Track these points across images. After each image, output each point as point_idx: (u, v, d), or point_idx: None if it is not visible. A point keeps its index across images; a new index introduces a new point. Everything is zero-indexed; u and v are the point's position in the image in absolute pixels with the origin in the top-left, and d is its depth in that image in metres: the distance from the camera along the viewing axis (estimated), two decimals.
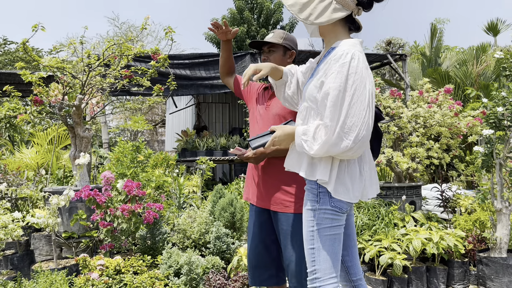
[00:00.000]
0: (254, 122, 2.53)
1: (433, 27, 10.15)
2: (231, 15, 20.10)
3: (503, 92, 3.58)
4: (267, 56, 2.56)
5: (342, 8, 1.81)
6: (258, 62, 8.39)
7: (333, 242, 1.81)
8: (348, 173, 1.79)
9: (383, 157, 4.22)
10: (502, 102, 3.57)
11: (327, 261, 1.80)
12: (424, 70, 10.29)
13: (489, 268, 3.63)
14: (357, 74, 1.68)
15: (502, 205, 3.66)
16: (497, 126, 3.62)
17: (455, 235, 3.87)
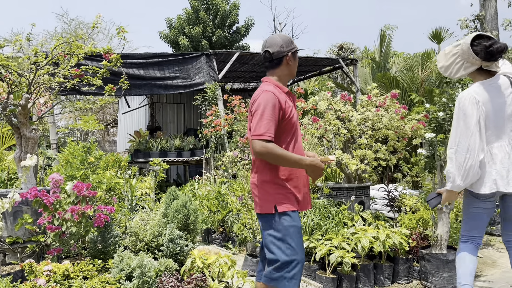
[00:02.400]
0: (298, 134, 2.65)
1: (382, 34, 10.58)
2: (186, 15, 19.90)
3: (444, 98, 3.82)
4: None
5: (471, 66, 2.82)
6: (213, 63, 8.40)
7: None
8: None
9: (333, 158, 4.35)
10: (443, 108, 3.80)
11: None
12: (374, 74, 10.71)
13: (431, 264, 3.85)
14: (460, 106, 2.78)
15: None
16: (438, 129, 3.85)
17: (400, 233, 4.07)
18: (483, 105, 2.76)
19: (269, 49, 2.61)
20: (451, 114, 3.74)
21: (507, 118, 2.84)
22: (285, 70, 2.64)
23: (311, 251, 3.94)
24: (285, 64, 2.63)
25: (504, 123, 2.83)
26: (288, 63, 2.63)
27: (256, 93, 2.54)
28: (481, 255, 4.94)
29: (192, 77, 8.32)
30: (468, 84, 3.80)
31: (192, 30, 19.38)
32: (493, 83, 2.82)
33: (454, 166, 2.80)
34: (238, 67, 10.19)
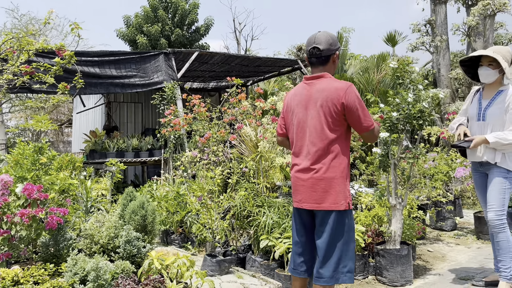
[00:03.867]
0: None
1: (339, 36, 10.83)
2: (144, 13, 19.52)
3: (397, 99, 3.96)
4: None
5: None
6: (172, 62, 8.28)
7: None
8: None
9: None
10: (397, 108, 3.94)
11: None
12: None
13: (385, 259, 3.98)
14: None
15: (396, 201, 4.04)
16: (392, 129, 3.98)
17: (357, 230, 4.17)
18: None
19: (319, 46, 2.65)
20: (405, 115, 3.88)
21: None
22: (331, 67, 2.73)
23: (270, 250, 3.97)
24: (332, 62, 2.71)
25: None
26: (334, 61, 2.73)
27: (341, 86, 2.58)
28: (431, 249, 5.16)
29: (150, 76, 8.17)
30: (418, 86, 3.96)
31: (151, 29, 19.04)
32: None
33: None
34: (197, 67, 10.12)
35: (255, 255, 4.16)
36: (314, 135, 2.62)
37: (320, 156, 2.60)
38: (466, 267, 4.47)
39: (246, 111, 5.67)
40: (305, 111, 2.68)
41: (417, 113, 3.85)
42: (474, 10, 9.15)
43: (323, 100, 2.59)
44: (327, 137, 2.60)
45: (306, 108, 2.68)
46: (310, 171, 2.63)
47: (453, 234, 5.85)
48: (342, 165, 2.62)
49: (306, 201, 2.65)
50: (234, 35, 21.54)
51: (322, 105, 2.59)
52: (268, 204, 4.30)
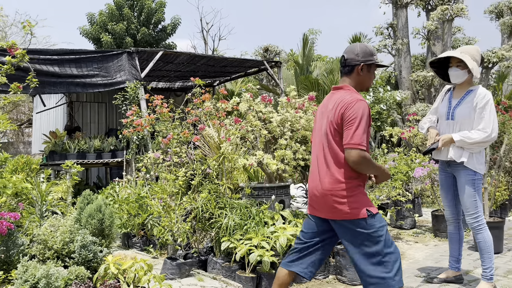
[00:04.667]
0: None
1: (305, 38, 10.96)
2: (109, 11, 19.10)
3: None
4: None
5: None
6: (135, 62, 8.13)
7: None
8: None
9: (255, 159, 4.42)
10: None
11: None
12: (298, 77, 11.05)
13: (345, 259, 4.04)
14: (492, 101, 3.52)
15: None
16: None
17: None
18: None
19: (345, 55, 2.69)
20: None
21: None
22: (355, 79, 2.68)
23: (232, 251, 3.96)
24: (356, 73, 2.67)
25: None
26: (358, 73, 2.66)
27: (346, 99, 2.54)
28: None
29: (112, 75, 7.99)
30: (379, 88, 4.05)
31: (115, 27, 18.66)
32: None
33: (481, 138, 3.44)
34: (162, 66, 9.99)
35: (217, 257, 4.13)
36: (323, 145, 2.64)
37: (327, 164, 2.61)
38: (422, 264, 4.60)
39: (210, 112, 5.63)
40: (320, 121, 2.73)
41: (375, 114, 3.93)
42: (433, 15, 9.45)
43: (332, 111, 2.59)
44: (332, 148, 2.58)
45: (321, 117, 2.72)
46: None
47: (412, 232, 6.02)
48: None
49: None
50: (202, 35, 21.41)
51: (329, 116, 2.61)
52: (230, 205, 4.29)
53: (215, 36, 30.75)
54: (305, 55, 11.03)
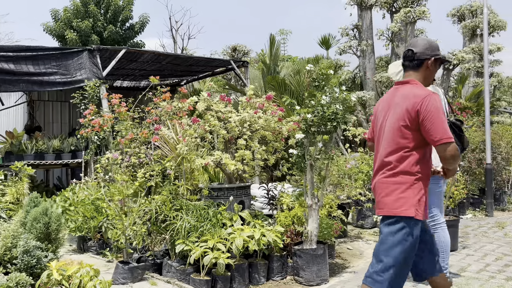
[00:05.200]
0: None
1: (272, 38, 10.95)
2: (74, 7, 18.58)
3: (312, 101, 4.02)
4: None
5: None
6: (96, 60, 7.90)
7: None
8: None
9: (212, 159, 4.35)
10: (312, 110, 4.00)
11: None
12: (265, 77, 11.02)
13: (302, 259, 4.03)
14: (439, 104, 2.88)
15: (312, 201, 4.10)
16: (307, 131, 4.04)
17: (275, 231, 4.19)
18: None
19: (413, 49, 2.61)
20: (319, 116, 3.95)
21: None
22: (423, 73, 2.62)
23: (187, 254, 3.87)
24: (424, 68, 2.61)
25: None
26: (428, 67, 2.61)
27: (419, 93, 2.47)
28: (351, 247, 5.32)
29: (72, 73, 7.74)
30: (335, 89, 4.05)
31: (81, 24, 18.16)
32: (436, 88, 3.71)
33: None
34: (126, 65, 9.76)
35: (172, 260, 4.04)
36: (387, 141, 2.56)
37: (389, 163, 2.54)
38: None
39: (171, 111, 5.52)
40: (385, 117, 2.63)
41: (331, 115, 3.93)
42: (396, 17, 9.62)
43: (400, 106, 2.51)
44: (398, 143, 2.51)
45: (387, 113, 2.62)
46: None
47: (373, 231, 6.08)
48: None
49: None
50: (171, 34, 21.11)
51: (397, 111, 2.52)
52: (186, 207, 4.20)
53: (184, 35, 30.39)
54: (272, 55, 11.02)
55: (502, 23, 12.50)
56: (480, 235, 5.72)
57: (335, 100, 3.99)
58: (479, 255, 4.76)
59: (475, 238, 5.56)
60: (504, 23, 12.53)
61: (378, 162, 2.62)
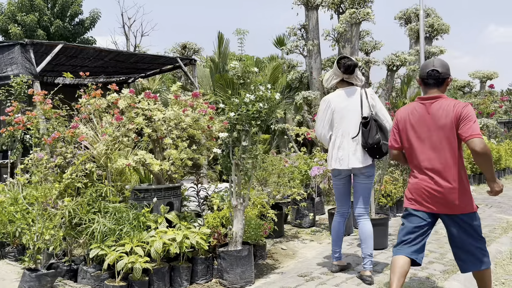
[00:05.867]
0: None
1: (220, 35, 10.83)
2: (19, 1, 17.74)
3: (236, 99, 3.92)
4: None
5: (337, 77, 4.09)
6: (30, 55, 7.49)
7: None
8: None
9: (136, 158, 4.17)
10: (236, 108, 3.90)
11: None
12: (213, 76, 10.89)
13: (226, 261, 3.92)
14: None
15: (238, 201, 4.01)
16: (232, 129, 3.94)
17: (201, 232, 4.07)
18: (332, 104, 4.05)
19: (438, 69, 3.08)
20: (243, 115, 3.86)
21: (347, 116, 3.97)
22: (443, 90, 3.14)
23: (103, 259, 3.68)
24: (445, 85, 3.14)
25: (345, 119, 3.98)
26: (447, 84, 3.16)
27: (458, 104, 3.00)
28: (285, 247, 5.28)
29: (2, 68, 7.33)
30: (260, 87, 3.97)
31: (26, 18, 17.36)
32: (346, 90, 4.07)
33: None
34: (66, 61, 9.36)
35: (88, 265, 3.83)
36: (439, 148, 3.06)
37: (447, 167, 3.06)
38: (310, 263, 4.61)
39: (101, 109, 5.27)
40: (428, 128, 3.09)
41: (255, 113, 3.85)
42: (342, 18, 9.73)
43: (448, 116, 2.99)
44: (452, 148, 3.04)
45: (428, 125, 3.09)
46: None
47: (310, 230, 6.07)
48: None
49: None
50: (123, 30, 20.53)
51: (446, 122, 3.00)
52: (105, 210, 4.00)
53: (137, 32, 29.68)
54: (221, 54, 10.90)
55: (445, 26, 12.95)
56: None
57: (260, 98, 3.91)
58: None
59: None
60: (447, 26, 12.99)
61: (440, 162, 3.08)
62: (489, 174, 2.96)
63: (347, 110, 4.00)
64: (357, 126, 3.94)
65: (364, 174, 3.99)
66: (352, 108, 3.99)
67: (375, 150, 3.88)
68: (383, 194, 6.67)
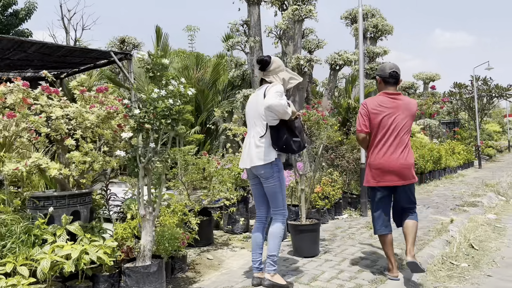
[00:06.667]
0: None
1: (158, 29, 10.26)
2: None
3: (143, 94, 3.47)
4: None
5: (259, 77, 3.95)
6: None
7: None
8: None
9: (29, 162, 3.60)
10: (143, 105, 3.44)
11: None
12: None
13: (131, 279, 3.45)
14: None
15: (146, 211, 3.55)
16: (139, 129, 3.47)
17: (105, 246, 3.57)
18: (248, 103, 3.91)
19: (397, 71, 3.96)
20: (151, 112, 3.41)
21: (253, 115, 3.76)
22: (398, 87, 4.07)
23: None
24: (399, 83, 4.06)
25: (251, 118, 3.78)
26: (399, 83, 4.09)
27: (412, 101, 4.07)
28: (212, 256, 4.87)
29: None
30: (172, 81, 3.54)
31: None
32: (258, 89, 3.82)
33: None
34: None
35: None
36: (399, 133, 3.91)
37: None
38: (233, 275, 4.23)
39: None
40: (393, 116, 3.89)
41: (165, 110, 3.40)
42: (284, 15, 9.45)
43: (408, 110, 3.94)
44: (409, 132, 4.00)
45: (393, 113, 3.90)
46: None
47: (243, 237, 5.70)
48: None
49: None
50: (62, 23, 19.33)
51: (406, 113, 3.92)
52: None
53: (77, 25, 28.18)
54: (159, 49, 10.32)
55: (389, 27, 13.04)
56: (347, 237, 5.59)
57: (171, 94, 3.47)
58: (338, 260, 4.55)
59: (341, 240, 5.41)
60: (391, 27, 13.09)
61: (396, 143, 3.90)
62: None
63: (253, 109, 3.82)
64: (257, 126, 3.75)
65: (262, 176, 3.69)
66: (253, 110, 3.81)
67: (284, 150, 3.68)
68: (321, 196, 6.41)
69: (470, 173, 13.91)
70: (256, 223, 3.91)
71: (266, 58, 3.75)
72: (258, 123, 3.70)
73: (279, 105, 3.40)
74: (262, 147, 3.61)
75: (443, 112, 20.50)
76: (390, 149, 3.84)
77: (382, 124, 3.86)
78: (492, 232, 6.02)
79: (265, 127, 3.64)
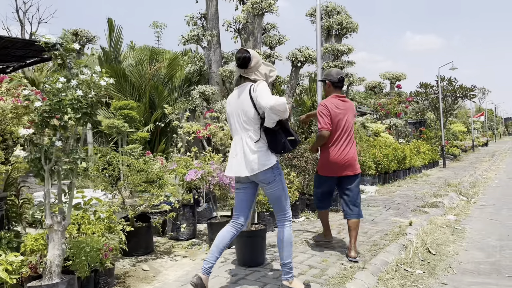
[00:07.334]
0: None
1: (110, 22, 9.67)
2: None
3: (47, 85, 2.98)
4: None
5: (237, 73, 3.55)
6: None
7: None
8: None
9: None
10: (47, 96, 2.95)
11: None
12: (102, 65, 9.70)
13: None
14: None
15: (54, 220, 3.05)
16: (42, 125, 2.97)
17: (6, 261, 3.06)
18: (228, 104, 3.59)
19: (342, 75, 4.60)
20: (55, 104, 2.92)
21: (239, 118, 3.39)
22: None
23: None
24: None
25: (237, 122, 3.42)
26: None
27: (352, 103, 4.72)
28: (148, 267, 4.39)
29: None
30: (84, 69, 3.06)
31: None
32: (239, 89, 3.47)
33: None
34: None
35: None
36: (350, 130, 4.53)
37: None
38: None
39: None
40: (343, 116, 4.44)
41: (74, 103, 2.92)
42: (244, 8, 9.04)
43: (352, 110, 4.60)
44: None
45: (344, 113, 4.45)
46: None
47: (188, 244, 5.25)
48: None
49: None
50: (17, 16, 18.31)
51: (351, 113, 4.57)
52: None
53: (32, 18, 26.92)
54: (112, 42, 9.73)
55: (354, 25, 12.82)
56: (299, 242, 5.21)
57: (82, 84, 2.99)
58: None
59: (293, 246, 5.02)
60: (355, 25, 12.87)
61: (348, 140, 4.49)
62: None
63: (236, 109, 3.46)
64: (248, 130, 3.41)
65: (264, 182, 3.44)
66: (239, 112, 3.43)
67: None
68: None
69: (435, 173, 13.88)
70: (228, 226, 3.58)
71: (246, 54, 3.37)
72: (249, 127, 3.37)
73: (280, 104, 3.12)
74: (260, 152, 3.33)
75: (411, 112, 20.59)
76: (344, 146, 4.43)
77: (339, 124, 4.39)
78: (450, 235, 5.78)
79: (259, 131, 3.34)
